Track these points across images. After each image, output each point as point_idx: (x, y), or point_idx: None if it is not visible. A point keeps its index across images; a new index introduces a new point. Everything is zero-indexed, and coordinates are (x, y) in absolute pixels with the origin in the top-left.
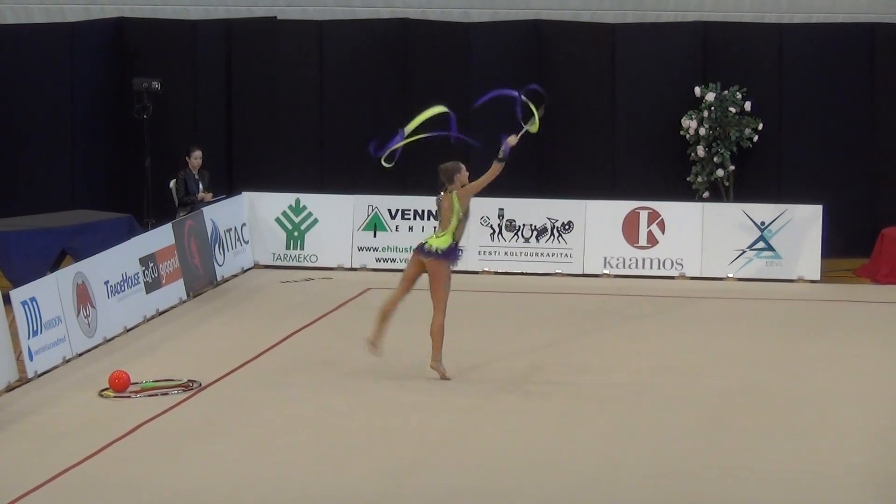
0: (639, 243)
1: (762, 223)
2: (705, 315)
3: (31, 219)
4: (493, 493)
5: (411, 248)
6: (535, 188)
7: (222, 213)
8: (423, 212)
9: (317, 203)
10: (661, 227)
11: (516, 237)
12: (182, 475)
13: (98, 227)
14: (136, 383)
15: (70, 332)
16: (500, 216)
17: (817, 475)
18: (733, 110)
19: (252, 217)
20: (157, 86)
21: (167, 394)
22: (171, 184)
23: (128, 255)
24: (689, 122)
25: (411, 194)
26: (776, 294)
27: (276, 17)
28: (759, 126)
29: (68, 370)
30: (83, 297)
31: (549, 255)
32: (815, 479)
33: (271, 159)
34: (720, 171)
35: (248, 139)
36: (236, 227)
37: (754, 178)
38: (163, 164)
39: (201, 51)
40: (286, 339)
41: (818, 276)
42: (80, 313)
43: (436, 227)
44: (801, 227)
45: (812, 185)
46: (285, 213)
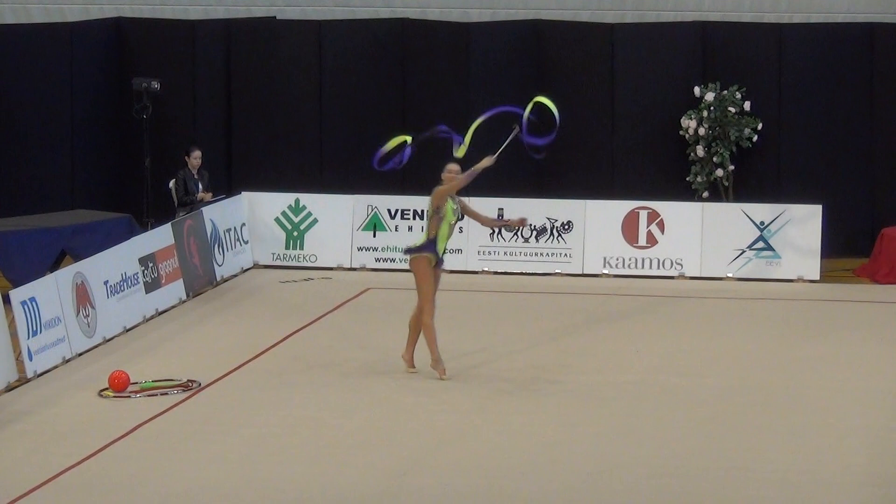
0: (638, 243)
1: (761, 223)
2: (705, 315)
3: (31, 219)
4: (493, 493)
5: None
6: (535, 188)
7: (222, 213)
8: (422, 212)
9: (316, 203)
10: (661, 226)
11: (516, 237)
12: (181, 475)
13: (97, 227)
14: (136, 383)
15: (69, 332)
16: (500, 216)
17: (816, 475)
18: (733, 110)
19: (251, 217)
20: (156, 86)
21: (167, 394)
22: (171, 184)
23: (127, 255)
24: (689, 122)
25: (411, 194)
26: (775, 294)
27: (275, 17)
28: (759, 126)
29: (68, 370)
30: (83, 297)
31: (548, 255)
32: (815, 479)
33: (271, 159)
34: (720, 171)
35: (248, 139)
36: (236, 227)
37: (754, 178)
38: (162, 164)
39: (201, 51)
40: (286, 339)
41: (817, 276)
42: (79, 313)
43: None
44: (801, 226)
45: (811, 184)
46: (285, 213)
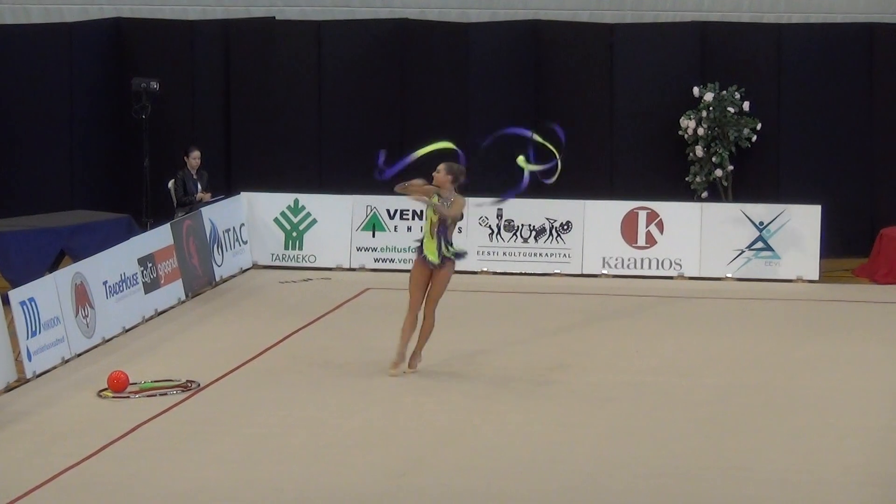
0: (637, 243)
1: (761, 223)
2: (704, 315)
3: (30, 219)
4: (492, 493)
5: (410, 248)
6: (534, 188)
7: (221, 214)
8: (421, 212)
9: (315, 203)
10: (660, 227)
11: (515, 237)
12: (181, 475)
13: (97, 228)
14: (135, 384)
15: (69, 333)
16: (499, 216)
17: (816, 475)
18: (732, 110)
19: (251, 217)
20: (155, 86)
21: (166, 394)
22: (170, 184)
23: (126, 255)
24: (688, 122)
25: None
26: (775, 294)
27: (274, 18)
28: (758, 126)
29: (67, 370)
30: (82, 297)
31: (547, 255)
32: (814, 479)
33: (270, 159)
34: (719, 171)
35: (247, 139)
36: (235, 228)
37: (753, 178)
38: (161, 165)
39: (200, 51)
40: (285, 339)
41: (817, 276)
42: (78, 314)
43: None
44: (800, 226)
45: (810, 184)
46: (284, 214)
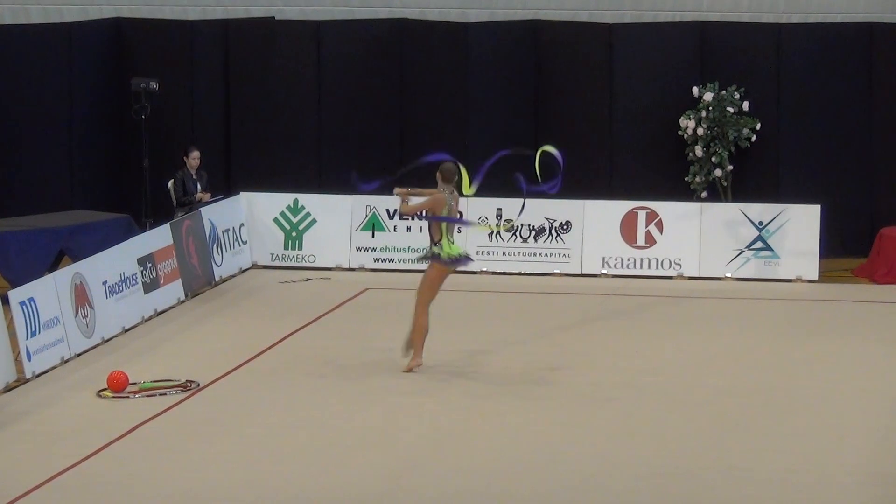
0: (637, 243)
1: (760, 223)
2: (703, 315)
3: (30, 219)
4: (492, 493)
5: (409, 248)
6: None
7: (220, 214)
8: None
9: (315, 203)
10: (660, 226)
11: (514, 237)
12: (180, 475)
13: (96, 228)
14: (135, 384)
15: (68, 333)
16: (499, 216)
17: (816, 475)
18: (731, 110)
19: (250, 217)
20: (154, 86)
21: (165, 394)
22: (170, 184)
23: (126, 255)
24: (687, 122)
25: None
26: (774, 294)
27: (273, 18)
28: (757, 126)
29: (66, 370)
30: (81, 297)
31: (547, 255)
32: (814, 479)
33: (269, 159)
34: (718, 171)
35: (246, 139)
36: (234, 228)
37: (752, 178)
38: (161, 165)
39: (199, 51)
40: (284, 339)
41: (816, 276)
42: (78, 314)
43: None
44: (799, 226)
45: (810, 184)
46: (283, 214)
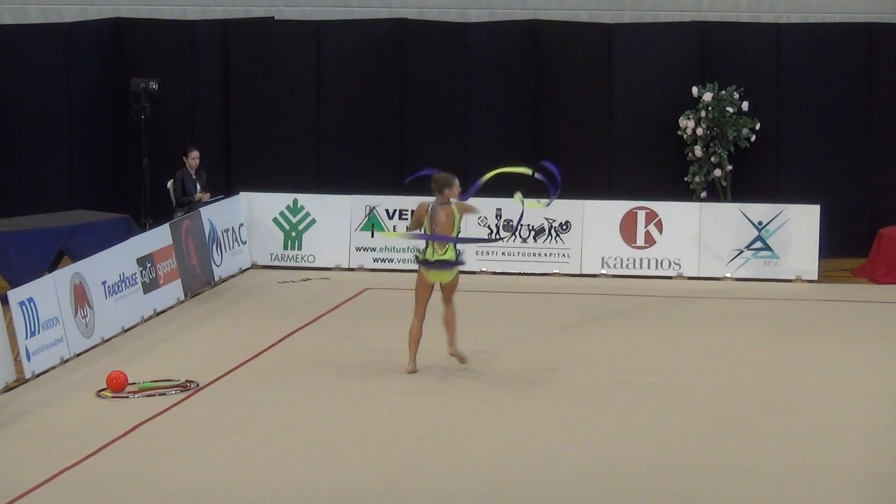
0: (636, 243)
1: (760, 223)
2: (703, 315)
3: (29, 219)
4: (491, 493)
5: (409, 248)
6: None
7: (220, 214)
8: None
9: (314, 203)
10: (659, 227)
11: (514, 237)
12: (180, 475)
13: (96, 228)
14: (134, 383)
15: (68, 333)
16: (498, 216)
17: (816, 475)
18: (731, 110)
19: (250, 217)
20: (154, 86)
21: (165, 394)
22: (169, 184)
23: (125, 255)
24: (687, 122)
25: (408, 195)
26: (774, 294)
27: (273, 18)
28: (757, 126)
29: (66, 370)
30: (81, 297)
31: (546, 255)
32: (814, 479)
33: (269, 159)
34: (717, 171)
35: (246, 139)
36: (234, 228)
37: (752, 178)
38: (160, 165)
39: (199, 51)
40: (284, 339)
41: (816, 276)
42: (77, 314)
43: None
44: (799, 226)
45: (809, 184)
46: (283, 214)
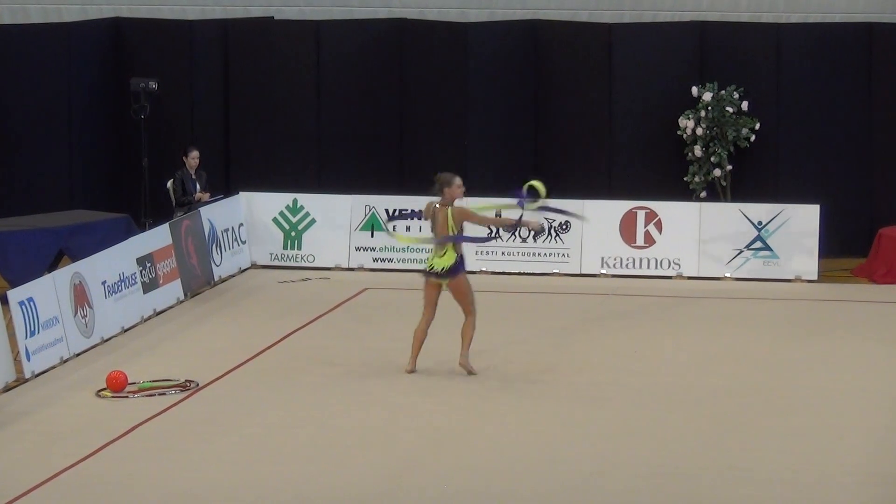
0: (636, 243)
1: (759, 223)
2: (703, 315)
3: (29, 219)
4: (491, 493)
5: (409, 248)
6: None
7: (219, 214)
8: (420, 212)
9: (314, 203)
10: (659, 226)
11: (514, 237)
12: (179, 475)
13: (95, 227)
14: (134, 383)
15: (67, 333)
16: (497, 216)
17: (816, 475)
18: (730, 110)
19: (249, 217)
20: (154, 86)
21: (165, 394)
22: (169, 184)
23: (125, 255)
24: (687, 122)
25: (408, 194)
26: (774, 294)
27: (273, 17)
28: (757, 126)
29: (66, 370)
30: (80, 297)
31: (546, 255)
32: (814, 479)
33: (268, 159)
34: (717, 171)
35: (246, 139)
36: (234, 228)
37: (751, 178)
38: (160, 164)
39: (198, 51)
40: (284, 339)
41: (815, 276)
42: (77, 313)
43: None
44: (799, 226)
45: (809, 184)
46: (283, 214)
